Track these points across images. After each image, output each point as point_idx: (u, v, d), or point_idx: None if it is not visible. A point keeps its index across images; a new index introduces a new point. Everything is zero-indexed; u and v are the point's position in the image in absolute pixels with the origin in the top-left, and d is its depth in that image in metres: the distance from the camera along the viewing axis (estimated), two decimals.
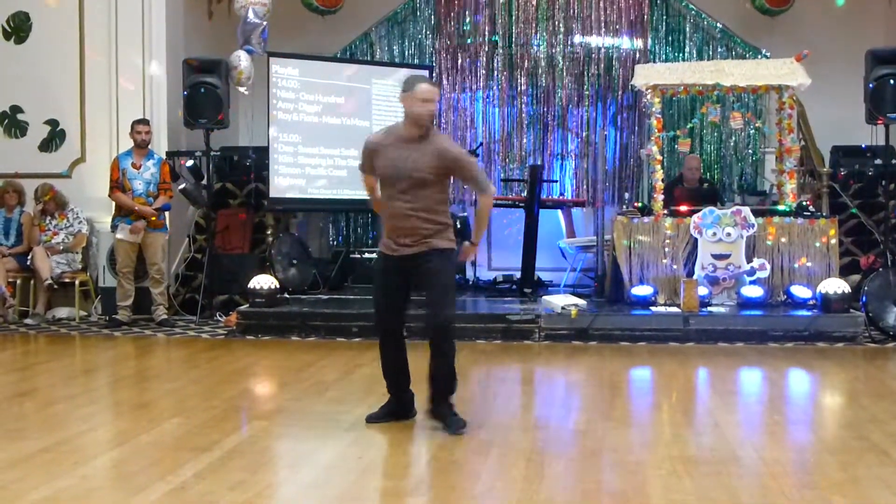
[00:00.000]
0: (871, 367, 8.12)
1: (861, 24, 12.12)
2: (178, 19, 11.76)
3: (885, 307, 9.37)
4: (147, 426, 5.85)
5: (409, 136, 5.63)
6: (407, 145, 5.61)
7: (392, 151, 5.63)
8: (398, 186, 5.58)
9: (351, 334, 9.52)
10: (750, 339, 9.14)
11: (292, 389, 7.15)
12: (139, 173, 10.30)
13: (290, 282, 10.95)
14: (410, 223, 5.60)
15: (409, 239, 5.62)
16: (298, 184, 11.45)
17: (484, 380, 7.82)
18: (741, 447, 5.36)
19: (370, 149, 5.78)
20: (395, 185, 5.60)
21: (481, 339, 9.36)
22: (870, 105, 10.02)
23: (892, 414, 6.14)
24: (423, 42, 12.90)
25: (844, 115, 11.02)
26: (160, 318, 10.37)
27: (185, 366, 8.39)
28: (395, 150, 5.62)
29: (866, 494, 4.43)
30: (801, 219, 9.95)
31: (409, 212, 5.59)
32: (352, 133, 11.68)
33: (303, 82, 11.44)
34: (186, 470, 4.80)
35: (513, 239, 11.57)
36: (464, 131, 12.86)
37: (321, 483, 4.70)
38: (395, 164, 5.59)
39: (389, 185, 5.64)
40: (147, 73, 11.36)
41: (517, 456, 5.13)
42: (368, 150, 5.80)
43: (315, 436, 5.74)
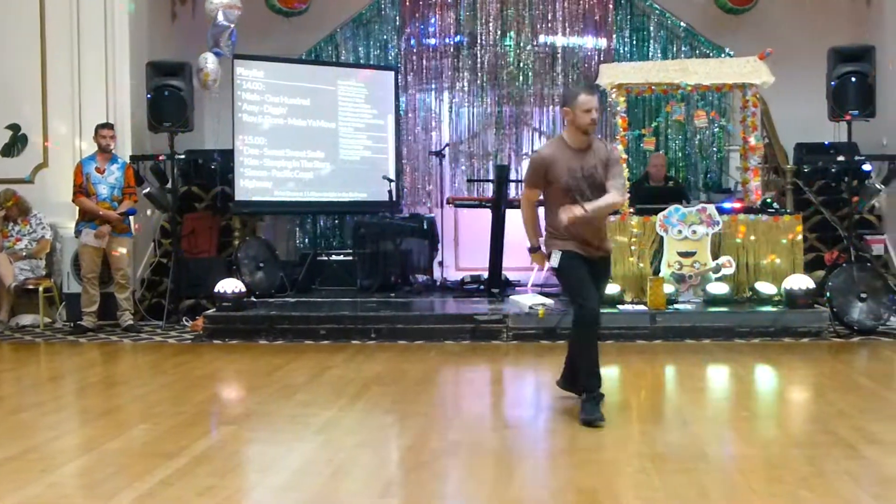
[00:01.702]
0: (836, 362, 8.19)
1: (823, 22, 12.22)
2: (142, 21, 11.68)
3: (849, 302, 9.47)
4: (114, 433, 5.80)
5: (580, 145, 5.91)
6: (581, 154, 5.89)
7: (570, 162, 5.87)
8: (585, 195, 5.84)
9: (319, 337, 9.49)
10: (717, 336, 9.20)
11: (261, 393, 7.11)
12: (103, 178, 10.22)
13: (258, 285, 10.90)
14: (595, 227, 5.98)
15: (596, 241, 6.02)
16: (265, 186, 11.41)
17: (452, 380, 7.83)
18: (709, 444, 5.39)
19: (546, 162, 5.94)
20: (582, 193, 5.84)
21: (449, 339, 9.36)
22: (832, 102, 10.12)
23: (858, 408, 6.20)
24: (388, 43, 12.89)
25: (807, 113, 11.11)
26: (126, 323, 10.29)
27: (152, 371, 8.32)
28: (572, 160, 5.87)
29: (833, 488, 4.46)
30: (765, 216, 10.03)
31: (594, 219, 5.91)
32: (318, 135, 11.69)
33: (268, 84, 11.41)
34: (155, 476, 4.76)
35: (480, 239, 11.57)
36: (430, 132, 12.87)
37: (291, 487, 4.67)
38: (575, 174, 5.85)
39: (571, 194, 5.84)
40: (110, 77, 11.26)
41: (487, 456, 5.13)
42: (542, 163, 5.96)
43: (284, 439, 5.71)
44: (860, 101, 10.02)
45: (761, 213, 10.08)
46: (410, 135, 12.94)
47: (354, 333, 9.51)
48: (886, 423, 5.85)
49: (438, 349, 8.94)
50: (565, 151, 5.89)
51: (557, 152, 5.92)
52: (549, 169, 5.90)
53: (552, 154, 5.93)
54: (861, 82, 10.04)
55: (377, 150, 12.15)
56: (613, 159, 5.95)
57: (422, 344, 9.22)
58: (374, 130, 12.12)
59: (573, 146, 5.90)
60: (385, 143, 12.23)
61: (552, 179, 5.89)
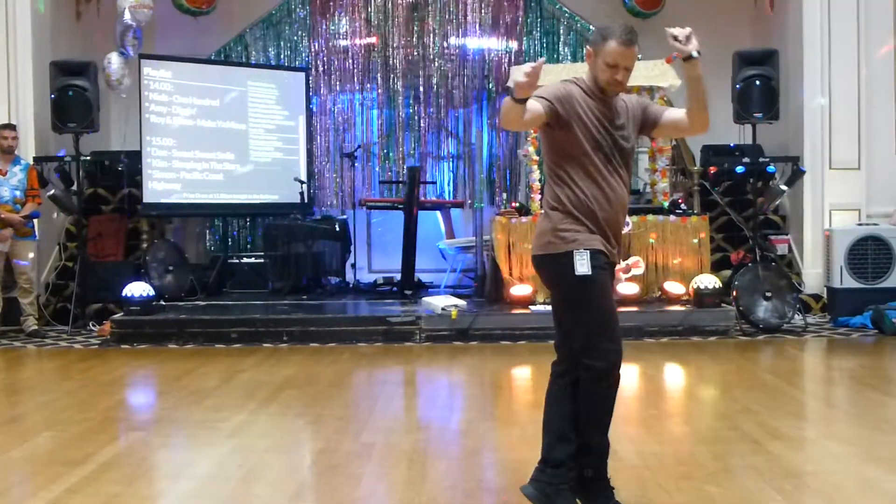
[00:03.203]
0: (742, 360, 8.35)
1: (728, 26, 12.47)
2: (45, 20, 11.41)
3: (754, 301, 9.67)
4: (18, 440, 5.66)
5: (604, 95, 4.16)
6: (607, 105, 4.16)
7: (596, 111, 4.13)
8: (615, 162, 4.14)
9: (230, 340, 9.39)
10: (626, 335, 9.15)
11: (170, 398, 7.01)
12: (5, 180, 9.98)
13: (167, 289, 10.74)
14: (620, 216, 4.21)
15: (617, 238, 4.23)
16: (174, 188, 11.24)
17: (365, 382, 7.80)
18: (618, 441, 5.44)
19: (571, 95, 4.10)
20: (611, 158, 4.12)
21: (362, 341, 9.33)
22: (737, 105, 10.32)
23: (764, 404, 6.34)
24: (298, 44, 12.81)
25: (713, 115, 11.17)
26: (30, 328, 10.06)
27: (57, 377, 8.14)
28: (599, 108, 4.14)
29: (739, 483, 4.55)
30: (673, 216, 10.19)
31: (623, 197, 4.18)
32: (228, 136, 11.56)
33: (176, 85, 11.24)
34: (60, 485, 4.66)
35: (392, 241, 11.57)
36: (341, 133, 12.82)
37: (200, 493, 4.61)
38: (605, 127, 4.12)
39: (599, 155, 4.08)
40: (12, 76, 10.99)
41: (399, 458, 5.13)
42: (566, 93, 4.09)
43: (194, 445, 5.65)
44: (764, 104, 10.23)
45: (669, 214, 10.24)
46: (322, 136, 12.87)
47: (266, 336, 9.43)
48: (790, 419, 5.99)
49: (351, 351, 8.91)
50: (593, 98, 4.12)
51: (585, 95, 4.13)
52: (573, 106, 4.07)
53: (579, 95, 4.12)
54: (765, 86, 10.26)
55: (288, 151, 12.06)
56: (649, 103, 4.44)
57: (334, 346, 9.18)
58: (285, 132, 12.03)
59: (598, 94, 4.13)
60: (296, 145, 12.14)
61: (573, 124, 4.05)
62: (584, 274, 3.99)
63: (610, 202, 4.08)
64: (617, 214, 4.12)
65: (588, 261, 4.00)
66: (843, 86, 11.12)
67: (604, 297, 4.07)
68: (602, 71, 4.05)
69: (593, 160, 4.06)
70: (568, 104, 4.03)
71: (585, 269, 3.99)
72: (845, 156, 11.14)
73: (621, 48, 4.02)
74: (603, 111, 4.10)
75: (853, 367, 8.04)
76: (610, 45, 4.02)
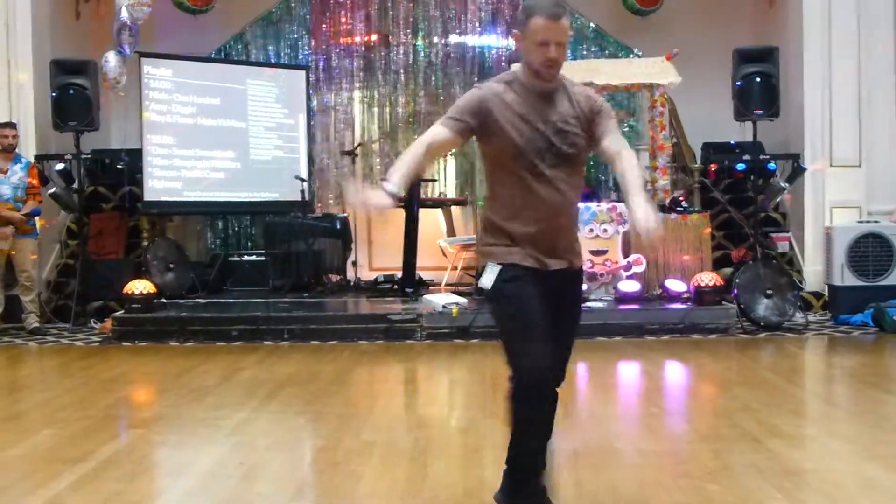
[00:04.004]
0: (743, 358, 8.36)
1: (728, 23, 12.46)
2: (45, 19, 11.41)
3: (755, 299, 9.67)
4: (18, 438, 5.66)
5: (540, 87, 3.77)
6: (542, 100, 3.77)
7: (524, 108, 3.74)
8: (546, 163, 3.71)
9: (231, 338, 9.40)
10: (627, 333, 9.32)
11: (171, 396, 7.02)
12: (6, 178, 9.99)
13: (168, 286, 10.74)
14: (567, 219, 3.87)
15: (563, 246, 3.84)
16: (174, 186, 11.24)
17: (366, 380, 7.81)
18: (619, 439, 5.46)
19: (485, 103, 3.74)
20: (542, 159, 3.71)
21: (363, 339, 9.33)
22: (737, 102, 10.31)
23: (764, 402, 6.34)
24: (298, 42, 12.80)
25: (714, 113, 11.31)
26: (31, 326, 10.07)
27: (58, 375, 8.15)
28: (528, 107, 3.74)
29: (739, 481, 4.55)
30: (674, 214, 10.19)
31: (560, 202, 3.76)
32: (228, 134, 11.56)
33: (176, 83, 11.24)
34: (60, 482, 4.66)
35: (393, 239, 11.57)
36: (342, 132, 12.81)
37: (201, 490, 4.61)
38: (532, 129, 3.71)
39: (524, 160, 3.70)
40: (12, 75, 10.99)
41: (400, 456, 5.13)
42: (479, 102, 3.75)
43: (195, 442, 5.65)
44: (764, 101, 10.22)
45: (670, 211, 10.24)
46: (322, 134, 12.87)
47: (267, 334, 9.43)
48: (790, 416, 5.99)
49: (352, 349, 8.91)
50: (519, 93, 3.75)
51: (507, 93, 3.76)
52: (488, 114, 3.71)
53: (498, 94, 3.75)
54: (765, 83, 10.25)
55: (289, 149, 12.05)
56: (605, 111, 3.85)
57: (335, 344, 9.18)
58: (286, 130, 12.03)
59: (530, 88, 3.76)
60: (296, 143, 12.13)
61: (493, 131, 3.72)
62: (484, 287, 3.77)
63: (537, 209, 3.71)
64: (551, 220, 3.74)
65: (494, 275, 3.73)
66: (843, 82, 11.12)
67: (514, 312, 3.72)
68: (532, 52, 3.66)
69: (519, 164, 3.70)
70: (483, 113, 3.70)
71: (486, 283, 3.75)
72: (846, 153, 11.14)
73: (549, 22, 3.63)
74: (535, 105, 3.72)
75: (854, 364, 8.05)
76: (536, 22, 3.64)
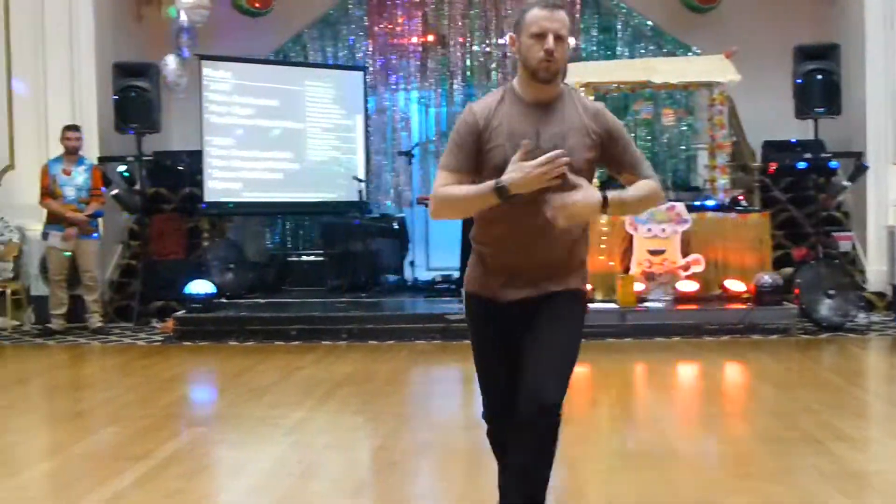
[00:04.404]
0: (804, 358, 8.25)
1: (788, 20, 12.28)
2: (107, 22, 11.55)
3: (817, 299, 9.53)
4: (82, 436, 5.76)
5: (537, 97, 3.38)
6: (538, 112, 3.36)
7: (517, 124, 3.33)
8: None
9: (289, 337, 9.45)
10: (686, 333, 9.23)
11: (230, 395, 7.09)
12: (70, 179, 10.14)
13: (227, 286, 10.84)
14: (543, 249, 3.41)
15: (544, 272, 3.47)
16: (233, 187, 11.34)
17: (423, 380, 7.83)
18: (678, 440, 5.42)
19: (477, 123, 3.36)
20: None
21: (420, 339, 9.34)
22: (798, 100, 10.18)
23: (826, 403, 6.24)
24: (355, 43, 12.86)
25: (774, 111, 11.17)
26: (95, 325, 10.21)
27: (120, 374, 8.27)
28: (521, 121, 3.33)
29: (800, 483, 4.49)
30: (734, 213, 10.08)
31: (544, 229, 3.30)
32: (286, 135, 11.64)
33: (235, 85, 11.34)
34: (123, 479, 4.73)
35: (450, 239, 11.56)
36: (399, 132, 12.85)
37: (260, 489, 4.65)
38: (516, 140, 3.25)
39: None
40: (76, 78, 11.15)
41: (457, 455, 5.13)
42: (471, 125, 3.37)
43: (254, 441, 5.69)
44: (826, 99, 10.09)
45: (730, 211, 10.12)
46: (379, 135, 12.91)
47: (325, 334, 9.47)
48: (852, 419, 5.90)
49: (409, 349, 8.93)
50: (513, 106, 3.36)
51: (502, 107, 3.37)
52: (481, 134, 3.33)
53: (490, 108, 3.37)
54: (826, 80, 10.12)
55: (346, 150, 12.11)
56: (616, 130, 3.42)
57: (392, 344, 9.20)
58: (343, 131, 12.09)
59: (526, 98, 3.37)
60: (354, 144, 12.19)
61: (485, 151, 3.34)
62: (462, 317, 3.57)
63: (513, 232, 3.35)
64: (530, 248, 3.36)
65: (463, 304, 3.67)
66: None
67: (475, 355, 3.67)
68: (529, 48, 3.30)
69: None
70: (470, 137, 3.35)
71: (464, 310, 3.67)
72: None
73: (544, 12, 3.31)
74: (529, 117, 3.33)
75: None
76: (531, 14, 3.33)
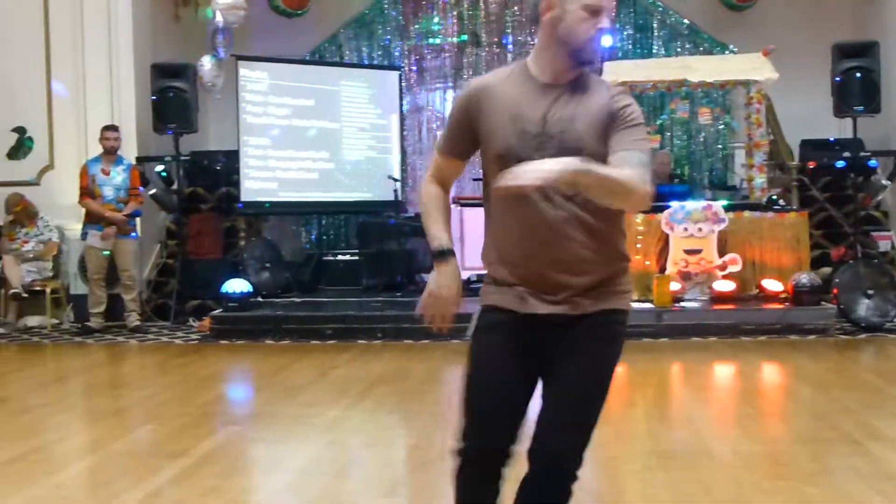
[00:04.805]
0: (842, 359, 8.17)
1: (826, 17, 12.18)
2: (145, 23, 11.66)
3: (855, 299, 9.43)
4: (120, 433, 5.82)
5: (554, 77, 2.81)
6: (548, 93, 2.80)
7: (522, 106, 2.78)
8: None
9: (325, 336, 9.49)
10: (722, 334, 9.17)
11: (266, 393, 7.13)
12: (108, 179, 10.23)
13: (264, 285, 10.89)
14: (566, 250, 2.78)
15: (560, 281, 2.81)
16: (269, 187, 11.40)
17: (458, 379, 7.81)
18: (714, 441, 5.39)
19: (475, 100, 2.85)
20: None
21: (455, 339, 9.33)
22: (837, 98, 10.09)
23: (864, 404, 6.19)
24: (390, 43, 12.89)
25: (812, 109, 11.08)
26: (133, 324, 10.29)
27: (158, 372, 8.34)
28: (528, 102, 2.78)
29: (838, 484, 4.45)
30: (771, 213, 10.00)
31: (562, 224, 2.75)
32: (322, 135, 11.69)
33: (271, 85, 11.41)
34: (160, 477, 4.77)
35: None
36: (434, 131, 12.86)
37: (296, 487, 4.68)
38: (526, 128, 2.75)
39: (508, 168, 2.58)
40: (114, 78, 11.25)
41: None
42: (467, 103, 2.87)
43: (289, 439, 5.72)
44: (865, 97, 10.00)
45: (767, 210, 10.05)
46: (415, 134, 12.93)
47: (360, 333, 9.50)
48: (891, 419, 5.84)
49: (444, 348, 8.93)
50: (522, 85, 2.81)
51: (505, 85, 2.83)
52: (480, 114, 2.82)
53: (489, 86, 2.85)
54: (865, 78, 10.02)
55: (381, 149, 12.15)
56: (629, 118, 2.74)
57: (427, 343, 9.20)
58: (378, 130, 12.12)
59: (540, 77, 2.81)
60: (389, 143, 12.22)
61: (483, 135, 2.84)
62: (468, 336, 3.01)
63: (523, 233, 2.79)
64: (541, 249, 2.78)
65: (474, 321, 3.01)
66: None
67: (476, 365, 3.01)
68: (579, 22, 2.69)
69: None
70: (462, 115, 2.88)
71: (469, 330, 3.02)
72: None
73: None
74: (537, 100, 2.77)
75: None
76: None
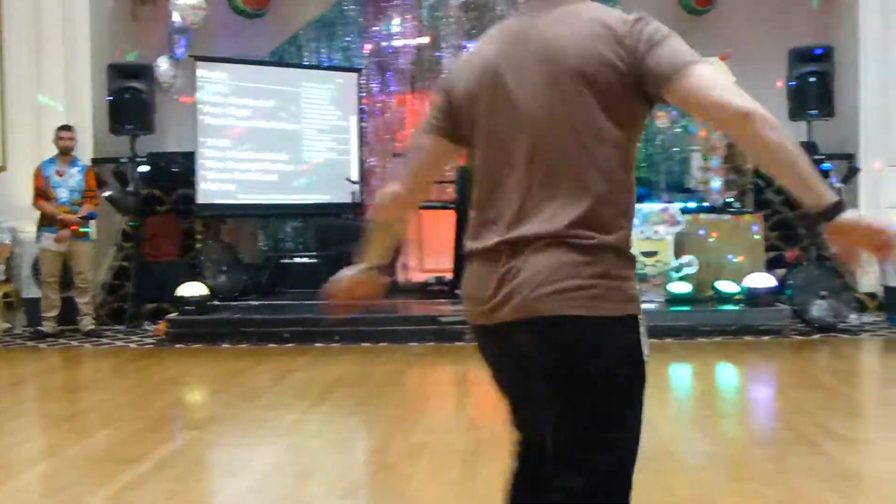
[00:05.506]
0: (797, 359, 8.26)
1: (785, 23, 12.29)
2: (103, 22, 11.54)
3: (810, 300, 9.55)
4: (76, 438, 5.75)
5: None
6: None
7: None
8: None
9: (283, 340, 9.45)
10: (679, 335, 9.24)
11: (224, 397, 7.08)
12: (63, 181, 10.11)
13: (221, 288, 10.81)
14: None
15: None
16: (228, 189, 11.32)
17: (417, 382, 7.82)
18: (673, 442, 5.42)
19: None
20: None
21: (413, 341, 9.35)
22: (791, 102, 10.20)
23: (820, 405, 6.25)
24: (351, 45, 12.85)
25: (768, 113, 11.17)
26: (87, 328, 10.18)
27: (113, 376, 8.26)
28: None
29: (795, 485, 4.50)
30: (727, 215, 10.10)
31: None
32: (282, 137, 11.62)
33: (231, 86, 11.32)
34: (117, 482, 4.72)
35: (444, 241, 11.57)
36: (394, 133, 12.84)
37: (256, 490, 4.65)
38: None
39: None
40: (70, 78, 11.13)
41: (452, 457, 5.13)
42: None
43: (249, 443, 5.69)
44: (819, 102, 10.12)
45: (723, 212, 10.15)
46: (374, 136, 12.91)
47: (318, 336, 9.47)
48: (846, 419, 5.92)
49: (403, 351, 8.93)
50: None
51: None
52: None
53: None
54: (820, 83, 10.14)
55: (341, 151, 12.10)
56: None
57: (386, 346, 9.20)
58: (338, 132, 12.07)
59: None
60: (348, 145, 12.19)
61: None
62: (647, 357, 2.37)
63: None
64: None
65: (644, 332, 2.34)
66: None
67: None
68: None
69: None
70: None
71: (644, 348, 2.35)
72: None
73: None
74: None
75: None
76: None
